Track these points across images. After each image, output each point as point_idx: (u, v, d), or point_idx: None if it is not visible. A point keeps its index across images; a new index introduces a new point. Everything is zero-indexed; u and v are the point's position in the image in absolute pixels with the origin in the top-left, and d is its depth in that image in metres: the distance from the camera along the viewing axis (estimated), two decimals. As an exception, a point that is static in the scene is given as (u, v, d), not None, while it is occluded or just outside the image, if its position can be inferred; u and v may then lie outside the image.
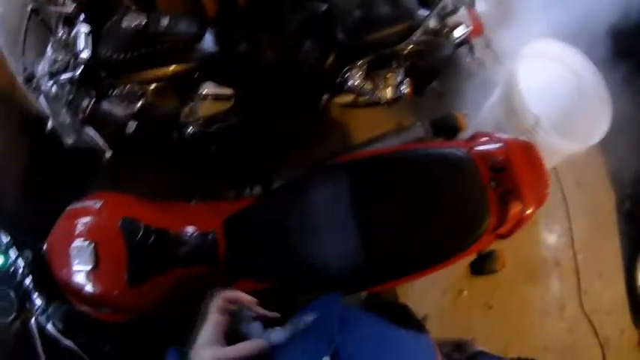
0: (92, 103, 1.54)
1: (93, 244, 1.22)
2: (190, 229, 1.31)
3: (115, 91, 1.57)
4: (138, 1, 1.72)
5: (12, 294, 1.23)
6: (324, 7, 1.69)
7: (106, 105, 1.57)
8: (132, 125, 1.58)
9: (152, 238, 1.23)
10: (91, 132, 1.55)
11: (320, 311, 1.04)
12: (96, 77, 1.54)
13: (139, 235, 1.21)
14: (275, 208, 1.33)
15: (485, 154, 1.35)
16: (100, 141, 1.54)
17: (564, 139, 1.87)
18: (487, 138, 1.42)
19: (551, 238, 2.28)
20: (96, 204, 1.30)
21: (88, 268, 1.22)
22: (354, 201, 1.24)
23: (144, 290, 1.25)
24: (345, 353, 0.78)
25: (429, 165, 1.32)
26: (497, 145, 1.39)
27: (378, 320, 1.02)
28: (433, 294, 2.05)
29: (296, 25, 1.66)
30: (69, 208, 1.34)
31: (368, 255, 1.23)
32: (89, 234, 1.24)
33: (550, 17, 2.25)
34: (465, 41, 1.95)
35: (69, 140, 1.53)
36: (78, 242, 1.22)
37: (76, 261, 1.22)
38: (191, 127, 1.71)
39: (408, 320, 1.24)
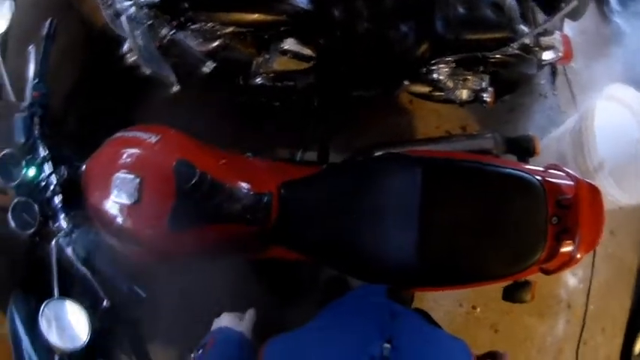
0: (170, 33, 1.49)
1: (139, 180, 1.18)
2: (245, 187, 1.28)
3: (194, 26, 1.51)
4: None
5: (36, 209, 1.20)
6: None
7: (182, 37, 1.52)
8: (210, 65, 1.52)
9: (205, 188, 1.15)
10: (163, 62, 1.49)
11: (368, 299, 1.04)
12: (176, 7, 1.47)
13: (192, 182, 1.13)
14: (339, 185, 1.31)
15: (556, 188, 1.33)
16: (170, 74, 1.47)
17: (621, 191, 1.84)
18: (561, 173, 1.39)
19: (572, 280, 2.27)
20: (151, 138, 1.26)
21: (128, 202, 1.18)
22: (423, 199, 1.22)
23: (181, 237, 1.23)
24: (400, 344, 0.79)
25: (503, 184, 1.29)
26: (569, 182, 1.36)
27: (419, 317, 1.02)
28: (448, 303, 2.05)
29: (397, 4, 1.60)
30: (118, 135, 1.30)
31: (421, 255, 1.22)
32: (137, 168, 1.20)
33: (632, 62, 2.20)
34: (550, 64, 1.89)
35: (141, 65, 1.46)
36: (123, 173, 1.19)
37: (116, 192, 1.19)
38: (259, 78, 1.67)
39: (435, 323, 1.24)
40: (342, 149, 1.66)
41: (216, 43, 1.56)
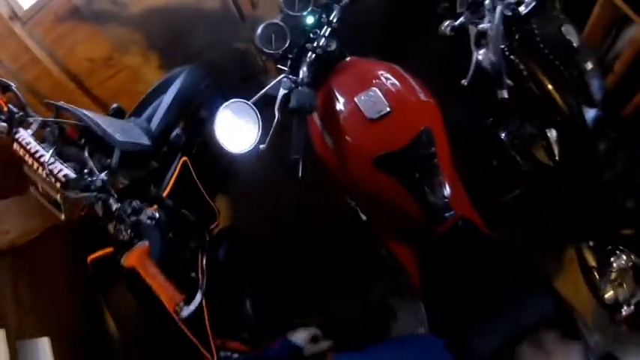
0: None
1: (388, 110, 1.26)
2: (447, 193, 1.30)
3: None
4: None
5: (288, 36, 1.34)
6: None
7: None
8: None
9: (421, 163, 1.26)
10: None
11: (429, 346, 1.07)
12: None
13: (419, 153, 1.25)
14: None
15: None
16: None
17: None
18: None
19: None
20: (422, 94, 1.34)
21: (365, 114, 1.27)
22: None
23: (372, 174, 1.29)
24: None
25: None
26: None
27: None
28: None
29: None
30: (400, 68, 1.38)
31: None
32: (394, 102, 1.28)
33: None
34: None
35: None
36: (380, 94, 1.28)
37: (363, 99, 1.28)
38: (505, 134, 1.68)
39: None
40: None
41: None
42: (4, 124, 1.30)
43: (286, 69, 1.33)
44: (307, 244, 2.09)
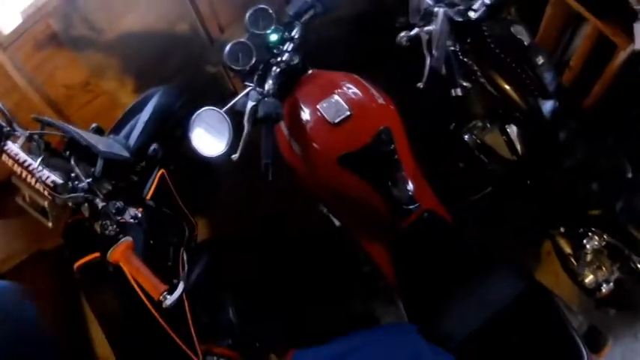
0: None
1: (348, 114, 1.35)
2: (411, 188, 1.38)
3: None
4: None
5: (254, 54, 1.41)
6: None
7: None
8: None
9: (383, 160, 1.35)
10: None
11: (400, 333, 1.09)
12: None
13: (381, 150, 1.33)
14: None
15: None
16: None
17: None
18: None
19: None
20: (380, 98, 1.44)
21: (328, 119, 1.37)
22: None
23: (337, 173, 1.37)
24: None
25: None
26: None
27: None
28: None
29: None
30: (356, 75, 1.47)
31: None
32: (354, 105, 1.37)
33: None
34: None
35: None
36: (341, 99, 1.37)
37: (326, 106, 1.37)
38: (467, 136, 1.77)
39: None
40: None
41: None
42: None
43: (253, 84, 1.39)
44: (283, 254, 2.14)
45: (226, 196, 2.22)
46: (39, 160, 1.31)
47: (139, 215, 1.37)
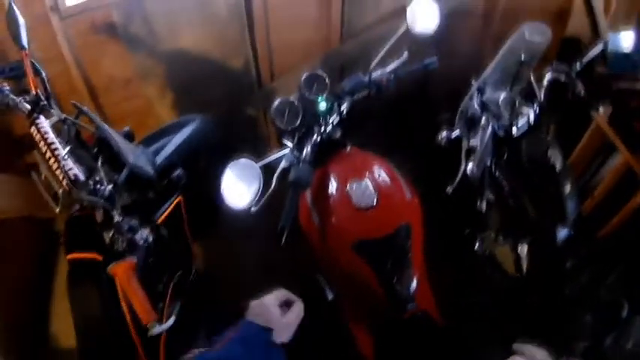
0: None
1: (374, 203, 1.35)
2: (414, 286, 1.39)
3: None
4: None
5: (300, 115, 1.42)
6: None
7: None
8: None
9: (397, 257, 1.36)
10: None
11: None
12: None
13: (398, 247, 1.35)
14: None
15: None
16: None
17: None
18: None
19: None
20: (407, 192, 1.44)
21: (353, 202, 1.36)
22: None
23: (347, 257, 1.37)
24: None
25: None
26: None
27: None
28: None
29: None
30: (388, 164, 1.48)
31: None
32: (382, 196, 1.37)
33: None
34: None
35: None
36: (370, 188, 1.37)
37: (352, 188, 1.37)
38: (479, 244, 1.78)
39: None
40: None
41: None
42: (28, 105, 1.37)
43: (290, 144, 1.41)
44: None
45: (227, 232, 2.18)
46: (68, 148, 1.30)
47: (150, 239, 1.38)
